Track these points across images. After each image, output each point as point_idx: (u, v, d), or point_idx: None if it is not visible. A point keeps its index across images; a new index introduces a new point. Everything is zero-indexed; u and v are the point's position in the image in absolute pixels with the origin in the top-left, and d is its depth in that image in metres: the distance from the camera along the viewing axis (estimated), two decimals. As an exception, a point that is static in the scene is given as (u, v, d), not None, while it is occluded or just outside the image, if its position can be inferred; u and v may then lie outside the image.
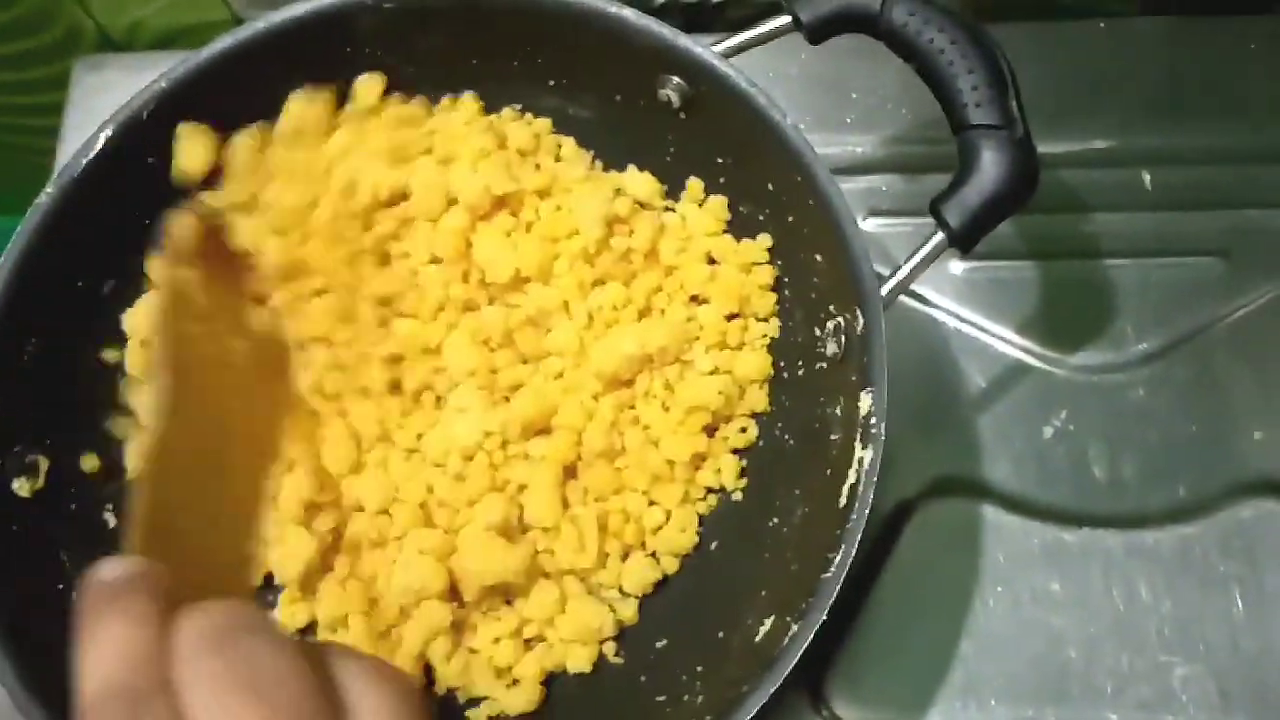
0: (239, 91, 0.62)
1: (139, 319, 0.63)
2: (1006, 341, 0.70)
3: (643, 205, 0.65)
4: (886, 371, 0.54)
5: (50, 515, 0.59)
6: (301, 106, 0.64)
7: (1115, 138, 0.74)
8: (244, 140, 0.63)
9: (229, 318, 0.51)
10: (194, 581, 0.36)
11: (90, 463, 0.61)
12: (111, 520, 0.61)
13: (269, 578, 0.62)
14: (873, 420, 0.54)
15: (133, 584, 0.34)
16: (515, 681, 0.60)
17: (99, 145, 0.60)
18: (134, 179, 0.61)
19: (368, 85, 0.65)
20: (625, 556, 0.62)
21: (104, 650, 0.32)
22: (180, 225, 0.49)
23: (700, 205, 0.65)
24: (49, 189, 0.59)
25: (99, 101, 0.64)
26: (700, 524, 0.63)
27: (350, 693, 0.33)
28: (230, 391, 0.49)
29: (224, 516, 0.44)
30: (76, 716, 0.31)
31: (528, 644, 0.61)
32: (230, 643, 0.32)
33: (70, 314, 0.61)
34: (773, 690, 0.50)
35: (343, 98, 0.65)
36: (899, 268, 0.55)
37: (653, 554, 0.62)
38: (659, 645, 0.61)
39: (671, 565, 0.62)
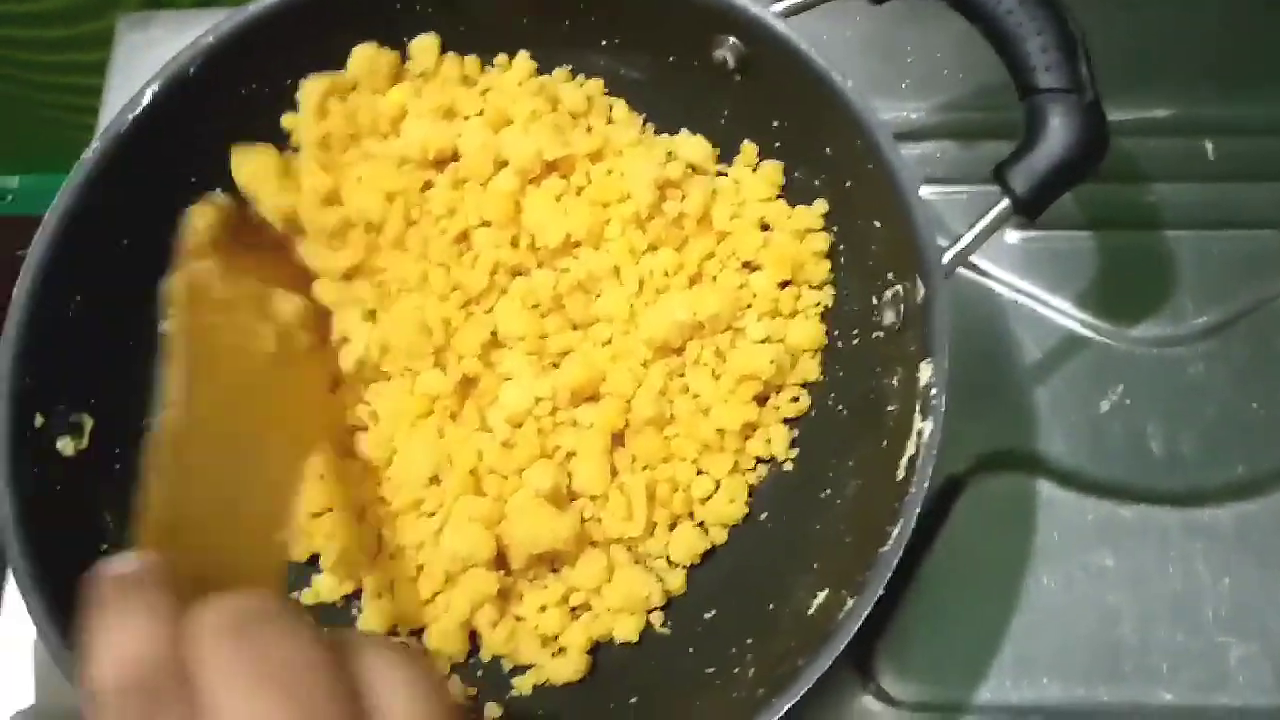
0: (288, 49, 0.62)
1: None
2: (1063, 313, 0.68)
3: (695, 169, 0.64)
4: (948, 341, 0.52)
5: (94, 476, 0.58)
6: (367, 57, 0.63)
7: (1178, 106, 0.72)
8: (314, 84, 0.62)
9: (254, 305, 0.50)
10: (216, 570, 0.36)
11: (135, 422, 0.61)
12: (156, 482, 0.60)
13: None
14: (933, 391, 0.52)
15: (144, 577, 0.34)
16: (561, 650, 0.60)
17: (145, 101, 0.59)
18: (180, 136, 0.60)
19: (424, 45, 0.64)
20: (673, 526, 0.61)
21: (116, 644, 0.31)
22: (198, 216, 0.48)
23: (754, 170, 0.64)
24: (94, 144, 0.58)
25: (143, 59, 0.63)
26: (750, 494, 0.62)
27: (377, 691, 0.32)
28: (256, 379, 0.48)
29: (251, 503, 0.44)
30: (88, 711, 0.30)
31: (574, 612, 0.60)
32: (250, 634, 0.31)
33: (115, 271, 0.60)
34: (827, 665, 0.49)
35: (400, 57, 0.64)
36: (961, 235, 0.54)
37: (701, 524, 0.61)
38: (707, 616, 0.60)
39: (720, 536, 0.61)
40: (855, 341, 0.61)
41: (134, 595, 0.32)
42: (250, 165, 0.61)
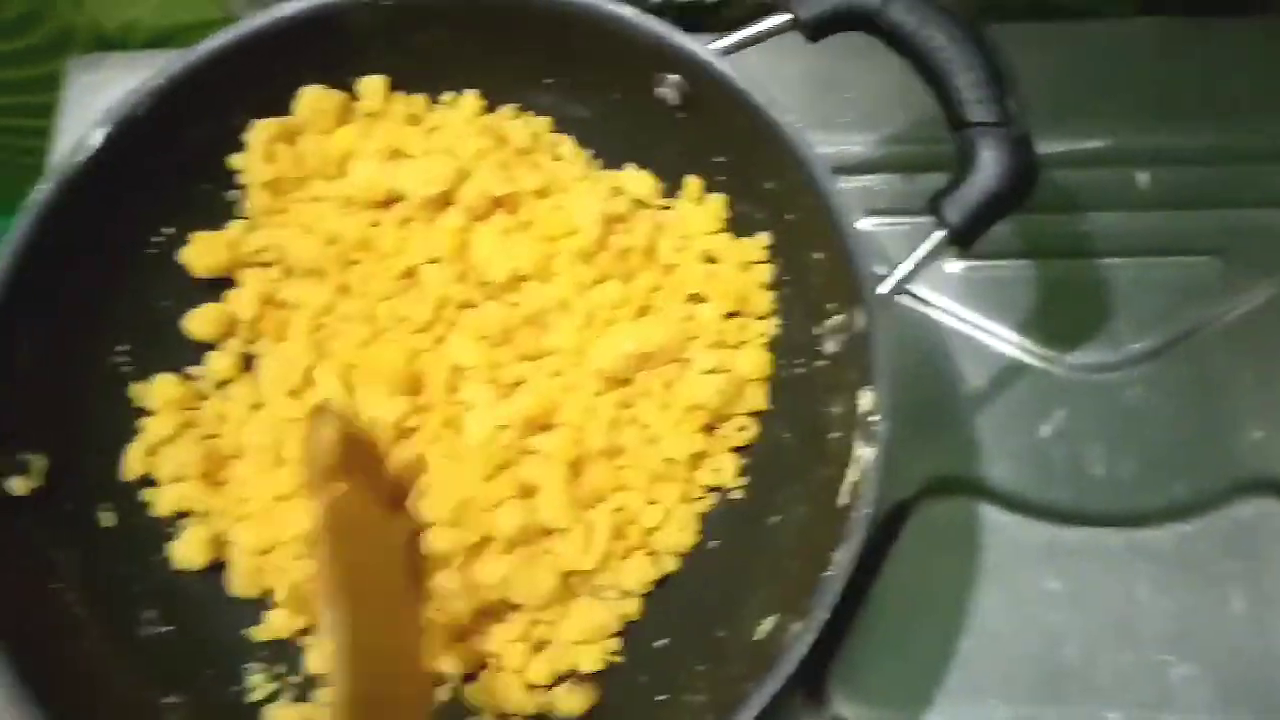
0: (237, 90, 0.62)
1: None
2: (1004, 340, 0.70)
3: (641, 204, 0.65)
4: (887, 368, 0.54)
5: (46, 515, 0.58)
6: (314, 98, 0.64)
7: (1111, 138, 0.73)
8: (262, 128, 0.63)
9: (379, 525, 0.51)
10: None
11: (89, 462, 0.61)
12: (107, 519, 0.61)
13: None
14: (873, 417, 0.53)
15: None
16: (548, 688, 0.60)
17: (95, 143, 0.59)
18: (130, 177, 0.61)
19: (372, 85, 0.65)
20: (625, 556, 0.61)
21: None
22: (322, 438, 0.48)
23: (698, 204, 0.65)
24: (43, 185, 0.58)
25: (93, 101, 0.64)
26: (701, 523, 0.62)
27: None
28: (388, 594, 0.50)
29: (406, 683, 0.47)
30: None
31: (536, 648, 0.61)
32: None
33: (66, 312, 0.60)
34: (776, 689, 0.50)
35: (349, 97, 0.65)
36: (898, 264, 0.55)
37: (652, 552, 0.62)
38: (658, 644, 0.61)
39: (671, 564, 0.62)
40: (800, 370, 0.62)
41: None
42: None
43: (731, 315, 0.64)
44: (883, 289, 0.55)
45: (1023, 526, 0.66)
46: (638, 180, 0.65)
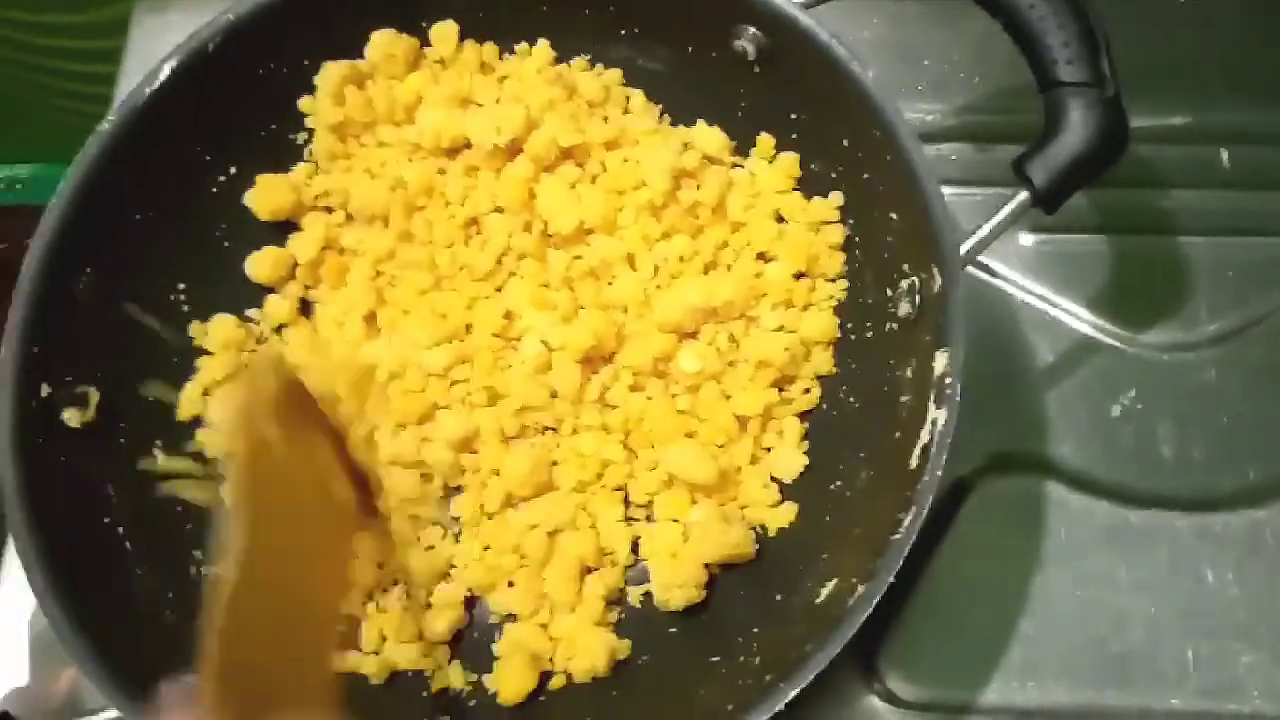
0: (308, 31, 0.62)
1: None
2: (1075, 317, 0.68)
3: (711, 160, 0.64)
4: (964, 331, 0.52)
5: (99, 448, 0.58)
6: (385, 43, 0.63)
7: (1194, 114, 0.72)
8: (333, 69, 0.62)
9: (308, 473, 0.51)
10: (274, 696, 0.38)
11: (143, 396, 0.60)
12: (160, 457, 0.60)
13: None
14: (948, 380, 0.52)
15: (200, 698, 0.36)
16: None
17: (163, 76, 0.59)
18: (196, 113, 0.60)
19: (443, 32, 0.64)
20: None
21: None
22: (256, 378, 0.49)
23: (770, 162, 0.64)
24: (110, 117, 0.58)
25: (159, 43, 0.63)
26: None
27: None
28: (303, 529, 0.49)
29: (300, 637, 0.46)
30: None
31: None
32: None
33: (127, 246, 0.60)
34: (837, 651, 0.49)
35: (419, 43, 0.64)
36: (979, 226, 0.54)
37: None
38: (712, 607, 0.59)
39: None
40: (869, 334, 0.61)
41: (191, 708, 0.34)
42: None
43: (800, 276, 0.62)
44: (963, 250, 0.53)
45: (1088, 507, 0.64)
46: (709, 136, 0.64)
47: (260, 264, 0.63)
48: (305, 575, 0.48)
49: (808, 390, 0.61)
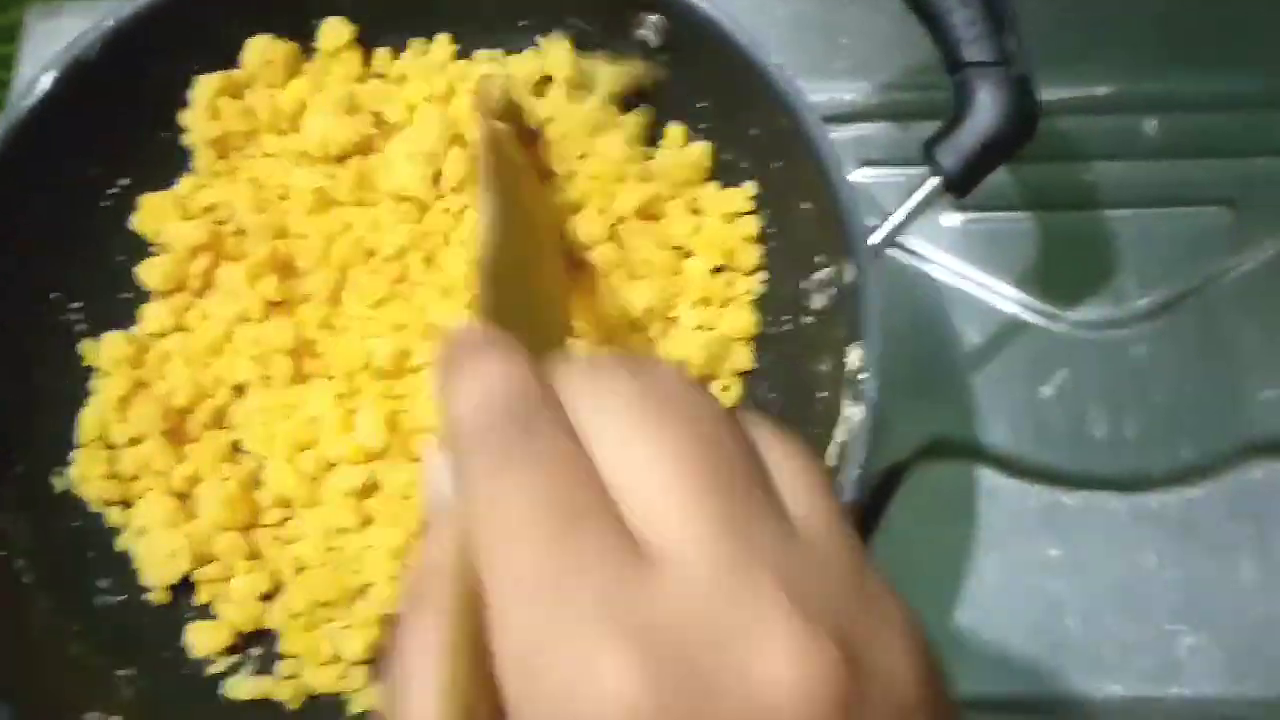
0: (192, 34, 0.60)
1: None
2: (1003, 297, 0.67)
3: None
4: (878, 324, 0.51)
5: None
6: (262, 48, 0.61)
7: (1117, 83, 0.70)
8: (206, 82, 0.60)
9: (528, 170, 0.57)
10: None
11: (40, 425, 0.58)
12: (59, 485, 0.58)
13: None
14: (862, 375, 0.51)
15: (494, 333, 0.31)
16: None
17: (42, 88, 0.57)
18: (82, 127, 0.58)
19: (332, 30, 0.62)
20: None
21: (477, 382, 0.28)
22: (490, 86, 0.58)
23: (681, 151, 0.62)
24: (-11, 135, 0.56)
25: (52, 50, 0.61)
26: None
27: (770, 453, 0.28)
28: (532, 215, 0.55)
29: (541, 308, 0.49)
30: (453, 453, 0.27)
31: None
32: (635, 369, 0.28)
33: (17, 266, 0.58)
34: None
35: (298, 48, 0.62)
36: (890, 214, 0.52)
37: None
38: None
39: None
40: (786, 327, 0.59)
41: (487, 344, 0.29)
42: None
43: (718, 270, 0.60)
44: (874, 240, 0.52)
45: (1021, 490, 0.63)
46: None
47: (152, 271, 0.60)
48: (539, 258, 0.52)
49: (727, 388, 0.60)
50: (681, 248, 0.61)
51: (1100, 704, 0.59)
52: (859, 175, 0.69)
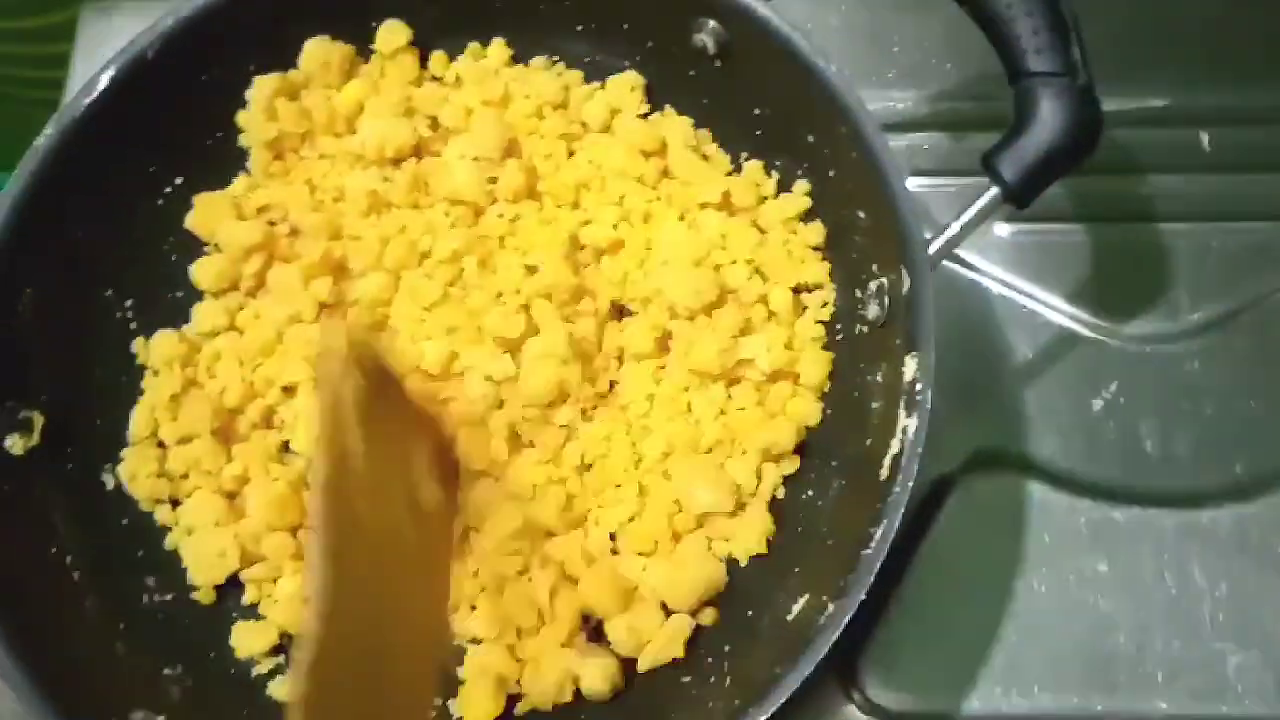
0: (250, 35, 0.60)
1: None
2: (1055, 309, 0.66)
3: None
4: (933, 335, 0.50)
5: (45, 475, 0.56)
6: (320, 51, 0.61)
7: (1172, 96, 0.70)
8: (263, 83, 0.60)
9: (399, 481, 0.48)
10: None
11: (92, 422, 0.59)
12: (110, 481, 0.58)
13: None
14: (918, 386, 0.50)
15: None
16: None
17: (102, 85, 0.57)
18: (139, 123, 0.59)
19: (390, 32, 0.62)
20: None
21: None
22: (331, 333, 0.45)
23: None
24: (48, 130, 0.56)
25: (106, 50, 0.61)
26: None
27: None
28: (396, 566, 0.46)
29: (398, 661, 0.43)
30: None
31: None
32: None
33: (69, 264, 0.58)
34: (806, 674, 0.47)
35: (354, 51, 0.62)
36: (949, 225, 0.52)
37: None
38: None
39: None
40: (839, 337, 0.59)
41: None
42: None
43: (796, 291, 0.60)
44: (931, 250, 0.51)
45: (1071, 505, 0.62)
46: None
47: (205, 270, 0.61)
48: (401, 602, 0.45)
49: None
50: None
51: (1148, 722, 0.59)
52: (910, 185, 0.68)
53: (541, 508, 0.57)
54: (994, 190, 0.52)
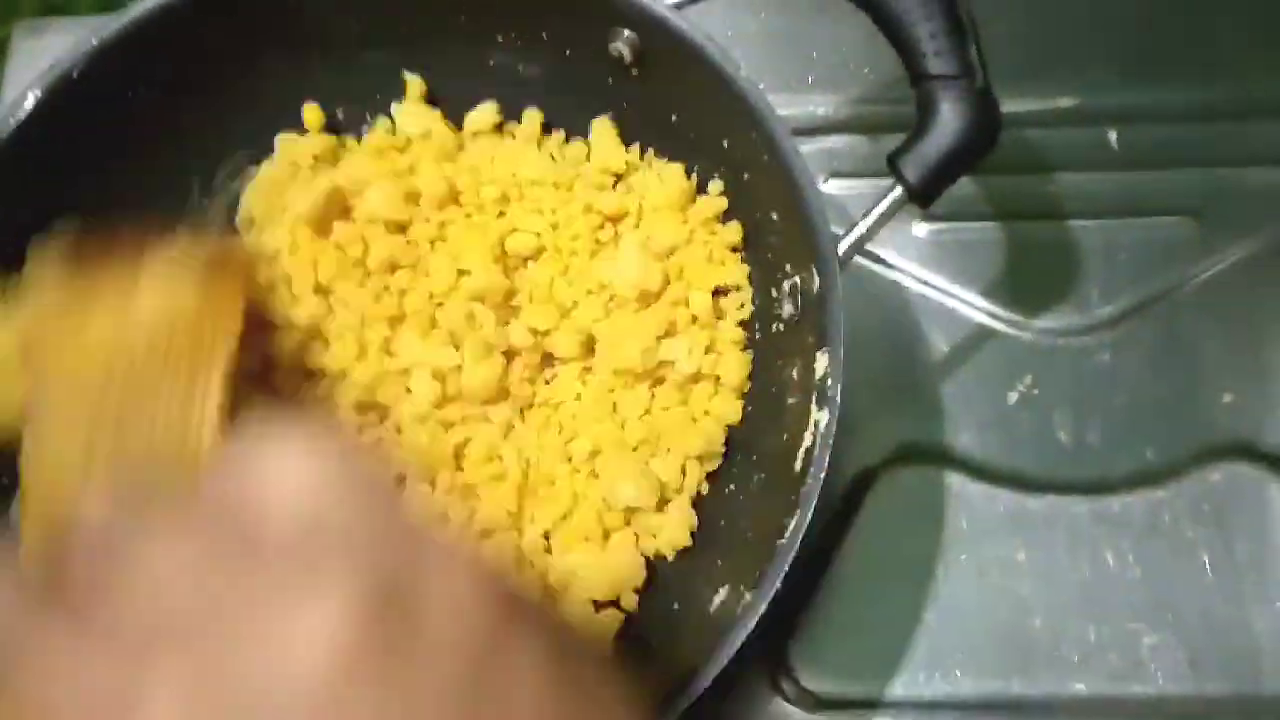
0: (176, 54, 0.60)
1: None
2: (970, 305, 0.68)
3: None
4: (843, 331, 0.52)
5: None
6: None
7: (1080, 95, 0.72)
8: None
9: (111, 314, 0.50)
10: None
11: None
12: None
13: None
14: (829, 381, 0.52)
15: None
16: None
17: (27, 107, 0.57)
18: (65, 144, 0.59)
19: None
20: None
21: None
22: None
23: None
24: (-24, 148, 0.56)
25: (38, 68, 0.62)
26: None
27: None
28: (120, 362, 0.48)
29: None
30: None
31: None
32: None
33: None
34: (726, 661, 0.48)
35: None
36: (855, 224, 0.53)
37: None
38: (614, 618, 0.59)
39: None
40: (757, 336, 0.61)
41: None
42: None
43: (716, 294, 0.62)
44: (840, 249, 0.53)
45: (989, 495, 0.64)
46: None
47: None
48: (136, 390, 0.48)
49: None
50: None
51: (1065, 702, 0.61)
52: (828, 187, 0.70)
53: (488, 506, 0.58)
54: (898, 190, 0.53)
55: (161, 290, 0.50)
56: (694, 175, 0.63)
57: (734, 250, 0.61)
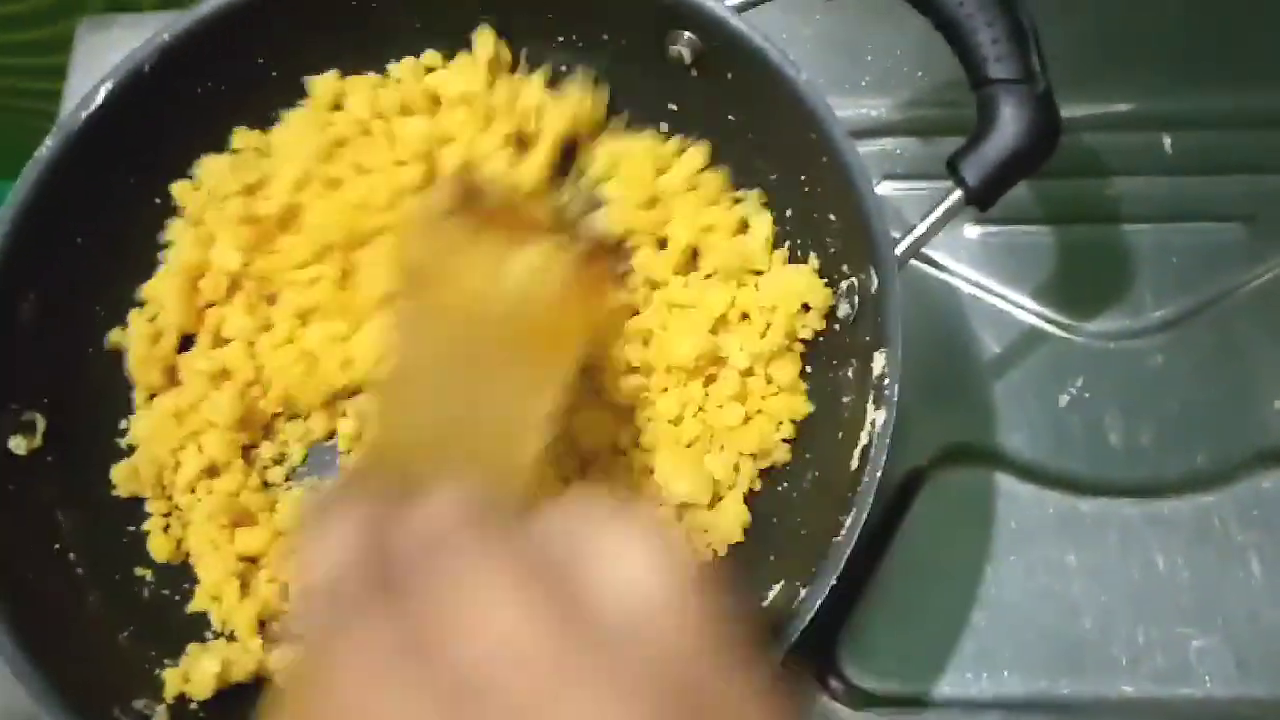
0: (247, 48, 0.62)
1: (154, 288, 0.63)
2: (1022, 308, 0.68)
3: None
4: (900, 331, 0.52)
5: (47, 475, 0.58)
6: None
7: (1136, 100, 0.72)
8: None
9: (485, 267, 0.50)
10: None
11: (94, 424, 0.61)
12: (113, 481, 0.60)
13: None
14: (886, 381, 0.52)
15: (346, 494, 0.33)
16: None
17: (99, 99, 0.58)
18: (135, 135, 0.60)
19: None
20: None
21: (320, 552, 0.31)
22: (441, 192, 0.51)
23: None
24: (49, 141, 0.57)
25: (103, 62, 0.63)
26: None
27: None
28: (485, 329, 0.49)
29: (490, 428, 0.46)
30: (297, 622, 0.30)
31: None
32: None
33: (70, 270, 0.59)
34: (780, 655, 0.49)
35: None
36: (914, 226, 0.54)
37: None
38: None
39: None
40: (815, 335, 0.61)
41: (340, 509, 0.32)
42: None
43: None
44: (898, 251, 0.54)
45: (1039, 496, 0.65)
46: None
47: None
48: (488, 366, 0.48)
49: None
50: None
51: (1113, 704, 0.61)
52: (883, 189, 0.71)
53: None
54: (957, 193, 0.54)
55: (534, 268, 0.50)
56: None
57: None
